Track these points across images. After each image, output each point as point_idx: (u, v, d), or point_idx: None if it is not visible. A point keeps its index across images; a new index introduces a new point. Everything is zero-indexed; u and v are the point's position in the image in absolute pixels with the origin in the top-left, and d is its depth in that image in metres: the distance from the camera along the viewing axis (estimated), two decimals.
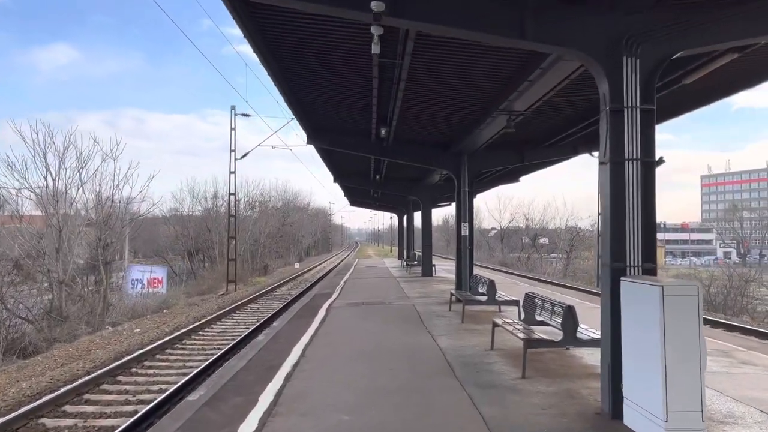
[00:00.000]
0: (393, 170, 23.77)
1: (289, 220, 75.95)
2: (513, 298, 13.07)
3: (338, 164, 23.32)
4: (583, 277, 50.22)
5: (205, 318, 18.82)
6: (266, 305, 22.51)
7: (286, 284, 33.45)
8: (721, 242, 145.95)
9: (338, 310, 15.18)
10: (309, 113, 14.60)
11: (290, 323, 13.38)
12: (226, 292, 30.74)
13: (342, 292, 20.15)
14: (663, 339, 5.10)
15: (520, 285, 24.10)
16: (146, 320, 21.04)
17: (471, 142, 15.28)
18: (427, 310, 14.70)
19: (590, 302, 17.13)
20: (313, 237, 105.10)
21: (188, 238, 48.34)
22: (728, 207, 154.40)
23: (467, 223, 16.50)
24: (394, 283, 23.37)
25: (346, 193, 37.27)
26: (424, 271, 27.03)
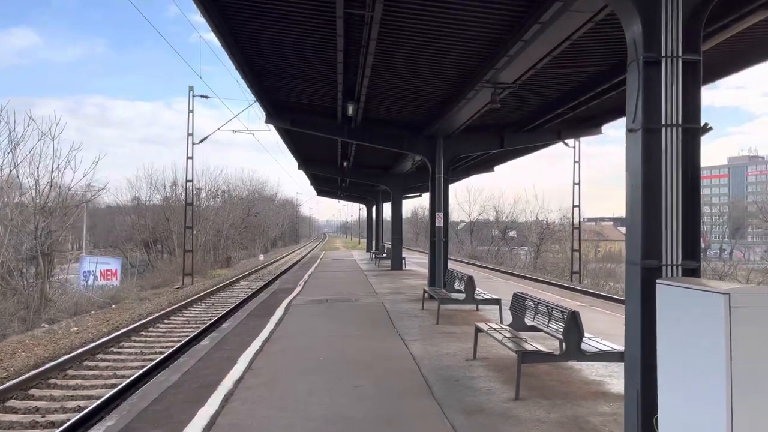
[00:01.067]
0: (362, 157, 22.20)
1: (254, 210, 73.68)
2: (493, 296, 11.69)
3: (302, 149, 21.63)
4: (553, 270, 49.59)
5: (152, 315, 17.00)
6: (221, 301, 20.76)
7: (247, 277, 31.63)
8: None
9: (299, 309, 13.60)
10: (268, 88, 12.92)
11: (243, 324, 11.75)
12: (182, 286, 28.79)
13: (305, 287, 18.55)
14: (728, 366, 3.69)
15: (494, 279, 22.85)
16: (89, 317, 19.07)
17: (447, 123, 13.82)
18: (397, 309, 13.22)
19: (576, 300, 15.89)
20: (280, 228, 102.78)
21: (145, 227, 45.94)
22: None
23: (442, 213, 15.07)
24: (362, 278, 21.85)
25: (312, 181, 35.53)
26: (394, 264, 25.59)
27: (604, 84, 10.36)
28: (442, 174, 15.09)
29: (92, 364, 11.34)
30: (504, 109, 13.82)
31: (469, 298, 11.51)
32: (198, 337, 13.26)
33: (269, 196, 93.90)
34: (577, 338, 6.43)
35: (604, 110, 13.49)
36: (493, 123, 15.18)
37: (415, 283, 19.43)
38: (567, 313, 6.51)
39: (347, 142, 18.48)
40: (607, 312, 13.30)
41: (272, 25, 8.92)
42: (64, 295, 23.50)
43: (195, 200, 50.77)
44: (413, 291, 17.14)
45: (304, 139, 18.85)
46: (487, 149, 16.13)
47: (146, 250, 46.06)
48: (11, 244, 21.73)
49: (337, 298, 15.34)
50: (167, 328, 15.44)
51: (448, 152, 15.13)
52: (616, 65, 9.49)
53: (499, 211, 61.98)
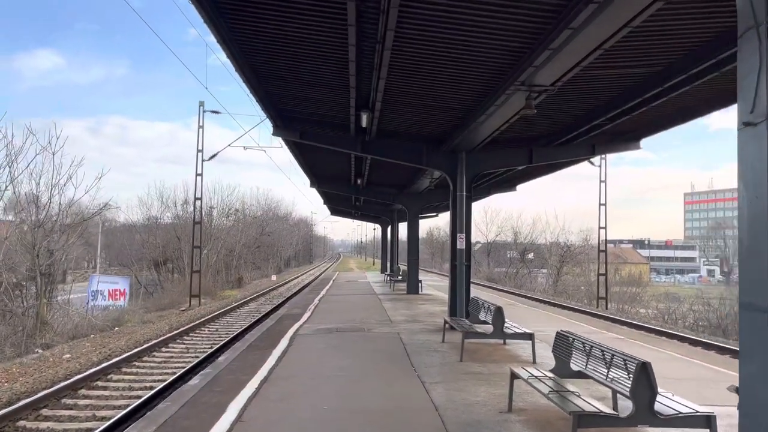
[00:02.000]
0: (376, 174, 20.98)
1: (268, 230, 72.73)
2: (525, 330, 10.26)
3: (314, 165, 20.46)
4: (575, 294, 47.75)
5: (149, 342, 15.77)
6: (225, 326, 19.48)
7: (257, 299, 30.37)
8: (705, 260, 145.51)
9: (305, 339, 12.25)
10: (273, 95, 11.76)
11: (241, 358, 10.43)
12: (188, 308, 27.60)
13: (314, 313, 17.21)
14: None
15: (517, 306, 21.33)
16: (86, 342, 17.89)
17: (471, 136, 12.55)
18: (415, 342, 11.82)
19: (612, 331, 14.34)
20: (294, 248, 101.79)
21: (156, 246, 44.98)
22: (711, 225, 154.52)
23: (464, 234, 13.72)
24: (376, 302, 20.47)
25: (325, 200, 34.38)
26: (410, 287, 24.18)
27: (657, 87, 9.03)
28: (465, 192, 13.77)
29: (71, 402, 10.07)
30: (534, 121, 12.54)
31: (498, 332, 10.10)
32: (193, 369, 11.96)
33: (283, 215, 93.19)
34: (650, 396, 5.02)
35: (649, 121, 12.14)
36: (520, 136, 13.89)
37: (434, 310, 18.01)
38: (635, 363, 5.11)
39: (361, 158, 17.27)
40: (654, 348, 11.78)
41: (272, 17, 7.74)
42: (65, 318, 22.39)
43: (207, 219, 49.98)
44: (432, 319, 15.72)
45: (315, 154, 17.69)
46: (513, 165, 14.82)
47: (156, 269, 45.05)
48: (7, 263, 20.72)
49: (348, 327, 13.98)
50: (163, 357, 14.16)
51: (471, 168, 13.83)
52: (676, 63, 8.18)
53: (517, 233, 60.21)
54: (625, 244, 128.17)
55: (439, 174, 18.32)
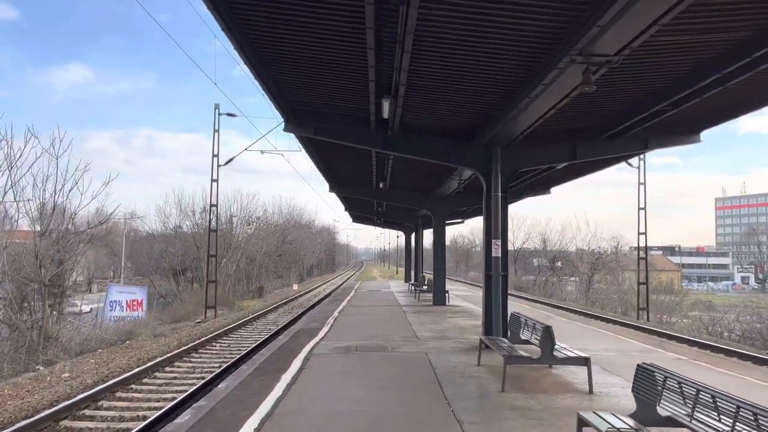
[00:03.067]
0: (400, 176, 19.46)
1: (290, 238, 71.61)
2: (579, 353, 8.61)
3: (333, 167, 19.01)
4: (608, 303, 45.48)
5: (153, 360, 14.44)
6: (238, 342, 18.09)
7: (276, 311, 29.01)
8: (739, 267, 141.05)
9: (320, 361, 10.74)
10: (282, 81, 10.35)
11: (244, 385, 8.98)
12: (203, 320, 26.34)
13: (333, 327, 15.72)
14: None
15: (554, 318, 19.55)
16: (90, 358, 16.64)
17: (508, 128, 10.98)
18: (446, 365, 10.23)
19: (671, 351, 12.49)
20: (317, 256, 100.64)
21: (174, 255, 44.04)
22: (745, 230, 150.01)
23: (500, 240, 12.09)
24: (400, 315, 18.90)
25: (346, 206, 32.96)
26: (436, 298, 22.57)
27: (742, 59, 7.36)
28: (500, 192, 12.16)
29: None
30: (579, 109, 10.95)
31: (546, 356, 8.47)
32: (195, 395, 10.54)
33: (305, 223, 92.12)
34: None
35: (720, 106, 10.42)
36: (562, 128, 12.26)
37: (464, 324, 16.37)
38: None
39: (383, 157, 15.78)
40: (736, 375, 9.97)
41: None
42: (74, 332, 21.25)
43: (227, 227, 48.96)
44: (463, 335, 14.11)
45: (333, 153, 16.25)
46: (554, 162, 13.16)
47: (175, 279, 44.09)
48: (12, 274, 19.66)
49: (370, 345, 12.44)
50: (165, 379, 12.78)
51: (507, 165, 12.22)
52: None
53: (546, 239, 58.06)
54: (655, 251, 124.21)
55: (469, 174, 16.76)
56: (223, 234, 46.68)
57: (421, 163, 16.44)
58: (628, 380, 8.95)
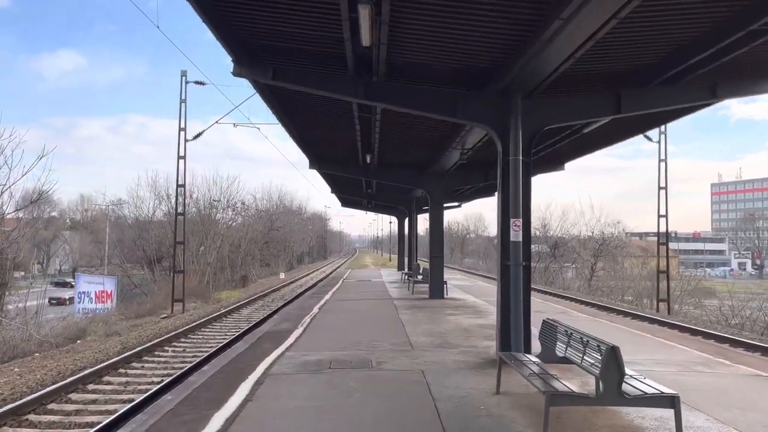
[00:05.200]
0: (390, 147, 16.38)
1: (278, 224, 68.44)
2: (664, 389, 5.60)
3: (308, 133, 15.67)
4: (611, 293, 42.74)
5: (83, 371, 11.45)
6: (192, 346, 15.06)
7: (253, 303, 26.00)
8: (736, 252, 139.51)
9: (276, 386, 7.73)
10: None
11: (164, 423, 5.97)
12: (169, 315, 23.33)
13: (308, 330, 12.73)
14: None
15: (572, 314, 16.61)
16: (14, 367, 13.59)
17: (535, 65, 7.99)
18: (452, 395, 7.23)
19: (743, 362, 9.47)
20: (308, 243, 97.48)
21: (148, 243, 40.86)
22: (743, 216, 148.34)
23: (521, 219, 9.08)
24: (391, 312, 15.90)
25: (333, 188, 29.84)
26: (433, 290, 19.60)
27: None
28: (521, 156, 9.13)
29: None
30: (624, 43, 7.94)
31: (611, 393, 5.47)
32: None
33: (296, 209, 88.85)
34: None
35: None
36: (601, 71, 9.25)
37: (469, 325, 13.40)
38: None
39: (368, 119, 12.67)
40: None
41: None
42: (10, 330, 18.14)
43: (207, 212, 45.81)
44: (469, 341, 11.14)
45: (305, 113, 13.14)
46: (592, 115, 10.07)
47: (150, 268, 40.97)
48: None
49: (349, 358, 9.44)
50: (75, 407, 9.70)
51: (530, 120, 9.19)
52: None
53: (547, 225, 55.12)
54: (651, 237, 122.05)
55: (475, 141, 13.73)
56: (201, 219, 43.59)
57: (415, 126, 13.40)
58: (724, 422, 6.02)
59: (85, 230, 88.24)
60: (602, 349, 5.66)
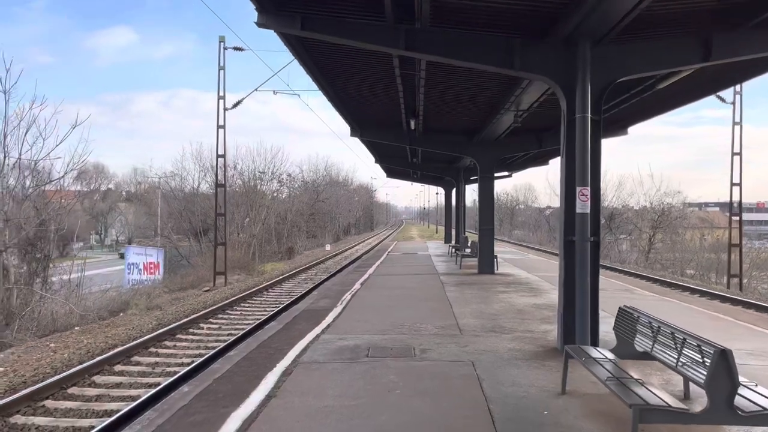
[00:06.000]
0: (435, 110, 15.09)
1: (324, 196, 68.03)
2: None
3: (345, 93, 14.41)
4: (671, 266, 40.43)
5: (108, 352, 10.91)
6: (228, 324, 14.39)
7: (296, 276, 25.41)
8: None
9: (306, 378, 6.80)
10: None
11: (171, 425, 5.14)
12: (212, 288, 22.96)
13: (347, 309, 11.81)
14: None
15: (636, 292, 15.14)
16: (50, 343, 13.27)
17: (603, 10, 6.63)
18: (508, 394, 6.12)
19: None
20: (354, 215, 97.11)
21: (194, 215, 40.90)
22: None
23: (589, 188, 7.78)
24: (437, 289, 14.84)
25: (377, 158, 28.68)
26: (482, 265, 18.39)
27: None
28: (589, 114, 7.77)
29: None
30: None
31: (719, 408, 4.25)
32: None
33: (342, 181, 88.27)
34: None
35: None
36: (686, 10, 7.73)
37: (523, 305, 12.20)
38: None
39: (410, 77, 11.42)
40: None
41: None
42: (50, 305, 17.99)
43: (252, 184, 45.54)
44: (524, 325, 9.96)
45: (340, 70, 11.99)
46: (675, 64, 8.52)
47: (197, 240, 41.09)
48: None
49: (388, 344, 8.44)
50: (108, 384, 9.12)
51: (599, 72, 7.80)
52: None
53: (602, 195, 52.50)
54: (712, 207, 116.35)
55: (532, 100, 12.32)
56: (246, 191, 43.33)
57: (464, 85, 12.07)
58: None
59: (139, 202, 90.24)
60: (705, 350, 4.42)
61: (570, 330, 7.71)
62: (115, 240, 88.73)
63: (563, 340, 7.82)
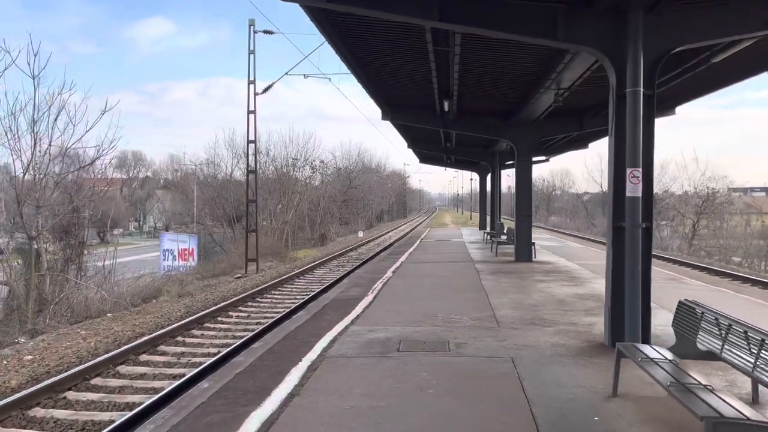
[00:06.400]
0: (470, 90, 14.40)
1: (357, 182, 67.70)
2: None
3: (374, 71, 13.73)
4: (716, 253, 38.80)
5: (135, 341, 10.70)
6: (257, 312, 14.07)
7: (327, 264, 25.09)
8: None
9: (332, 375, 6.36)
10: None
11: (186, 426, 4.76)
12: (243, 275, 22.83)
13: (378, 298, 11.36)
14: None
15: (687, 283, 14.27)
16: (81, 330, 13.21)
17: None
18: (553, 397, 5.55)
19: None
20: (387, 201, 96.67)
21: (227, 201, 41.02)
22: None
23: (641, 169, 7.07)
24: (472, 277, 14.26)
25: (409, 143, 28.02)
26: (519, 252, 17.71)
27: None
28: (641, 87, 7.05)
29: None
30: None
31: None
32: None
33: (375, 167, 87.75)
34: None
35: None
36: None
37: (564, 295, 11.54)
38: None
39: (444, 54, 10.77)
40: None
41: None
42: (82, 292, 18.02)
43: (284, 170, 45.41)
44: (567, 316, 9.32)
45: (370, 47, 11.42)
46: (741, 29, 7.60)
47: (230, 226, 41.25)
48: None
49: (422, 337, 7.94)
50: (132, 374, 8.89)
51: (653, 43, 7.07)
52: None
53: None
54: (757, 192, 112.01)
55: (572, 78, 11.54)
56: (279, 177, 43.25)
57: (501, 61, 11.39)
58: None
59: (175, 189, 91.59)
60: None
61: (619, 324, 7.07)
62: (154, 227, 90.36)
63: (612, 335, 7.20)
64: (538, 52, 10.26)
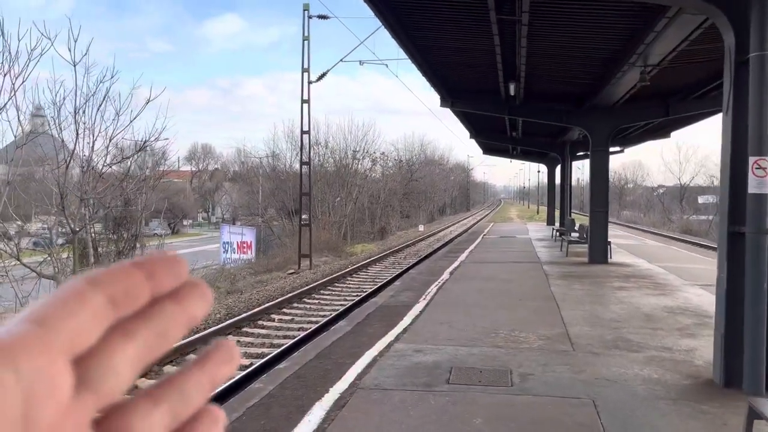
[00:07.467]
0: (541, 73, 12.76)
1: (418, 175, 66.26)
2: None
3: (429, 50, 12.36)
4: None
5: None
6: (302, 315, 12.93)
7: (383, 260, 23.90)
8: None
9: (366, 409, 5.08)
10: None
11: None
12: (296, 271, 21.97)
13: (430, 306, 10.01)
14: None
15: None
16: None
17: None
18: None
19: None
20: (450, 194, 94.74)
21: (286, 194, 40.58)
22: None
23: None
24: (540, 283, 12.64)
25: (471, 132, 26.32)
26: (593, 253, 15.89)
27: None
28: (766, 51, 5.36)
29: None
30: None
31: None
32: None
33: (437, 159, 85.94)
34: None
35: None
36: None
37: (650, 306, 9.78)
38: None
39: (510, 24, 9.22)
40: None
41: None
42: None
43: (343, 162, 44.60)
44: (656, 338, 7.64)
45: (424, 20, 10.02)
46: None
47: (289, 219, 40.84)
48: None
49: (478, 363, 6.54)
50: None
51: None
52: None
53: None
54: None
55: (664, 51, 9.73)
56: (337, 169, 42.45)
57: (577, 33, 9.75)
58: None
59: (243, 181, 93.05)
60: None
61: (736, 360, 5.44)
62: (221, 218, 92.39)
63: (724, 373, 5.57)
64: (625, 17, 8.57)
